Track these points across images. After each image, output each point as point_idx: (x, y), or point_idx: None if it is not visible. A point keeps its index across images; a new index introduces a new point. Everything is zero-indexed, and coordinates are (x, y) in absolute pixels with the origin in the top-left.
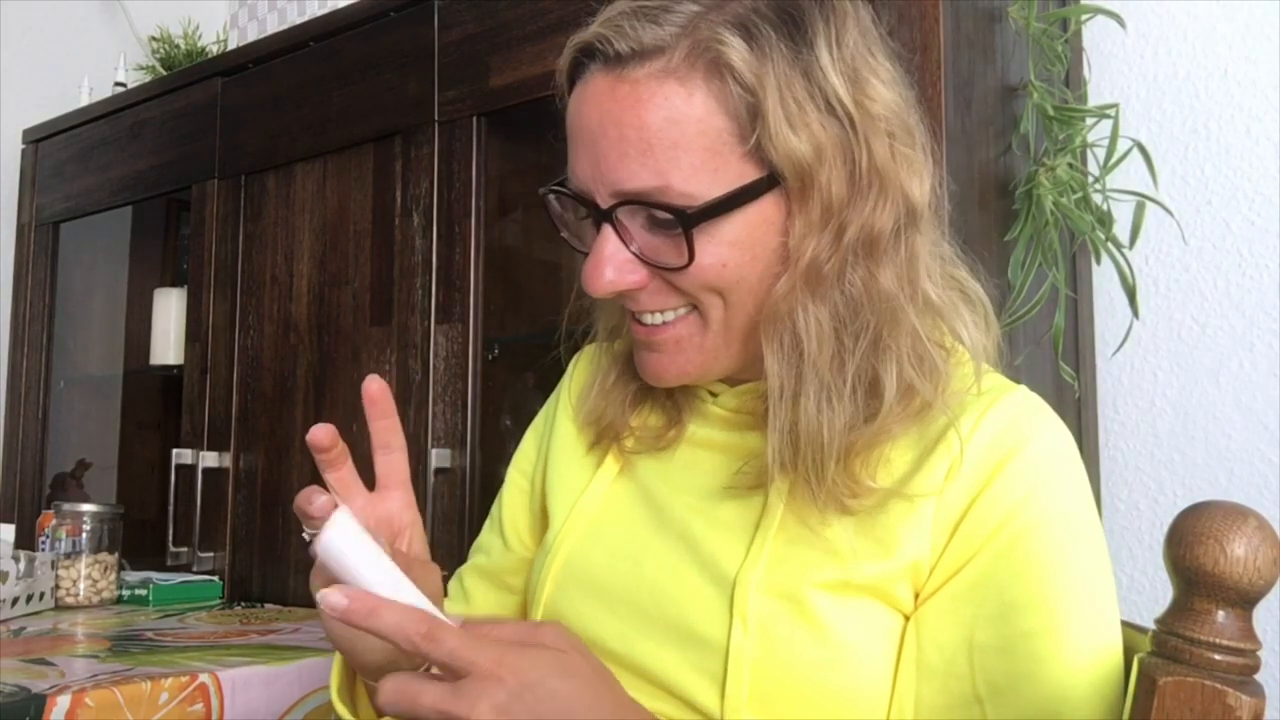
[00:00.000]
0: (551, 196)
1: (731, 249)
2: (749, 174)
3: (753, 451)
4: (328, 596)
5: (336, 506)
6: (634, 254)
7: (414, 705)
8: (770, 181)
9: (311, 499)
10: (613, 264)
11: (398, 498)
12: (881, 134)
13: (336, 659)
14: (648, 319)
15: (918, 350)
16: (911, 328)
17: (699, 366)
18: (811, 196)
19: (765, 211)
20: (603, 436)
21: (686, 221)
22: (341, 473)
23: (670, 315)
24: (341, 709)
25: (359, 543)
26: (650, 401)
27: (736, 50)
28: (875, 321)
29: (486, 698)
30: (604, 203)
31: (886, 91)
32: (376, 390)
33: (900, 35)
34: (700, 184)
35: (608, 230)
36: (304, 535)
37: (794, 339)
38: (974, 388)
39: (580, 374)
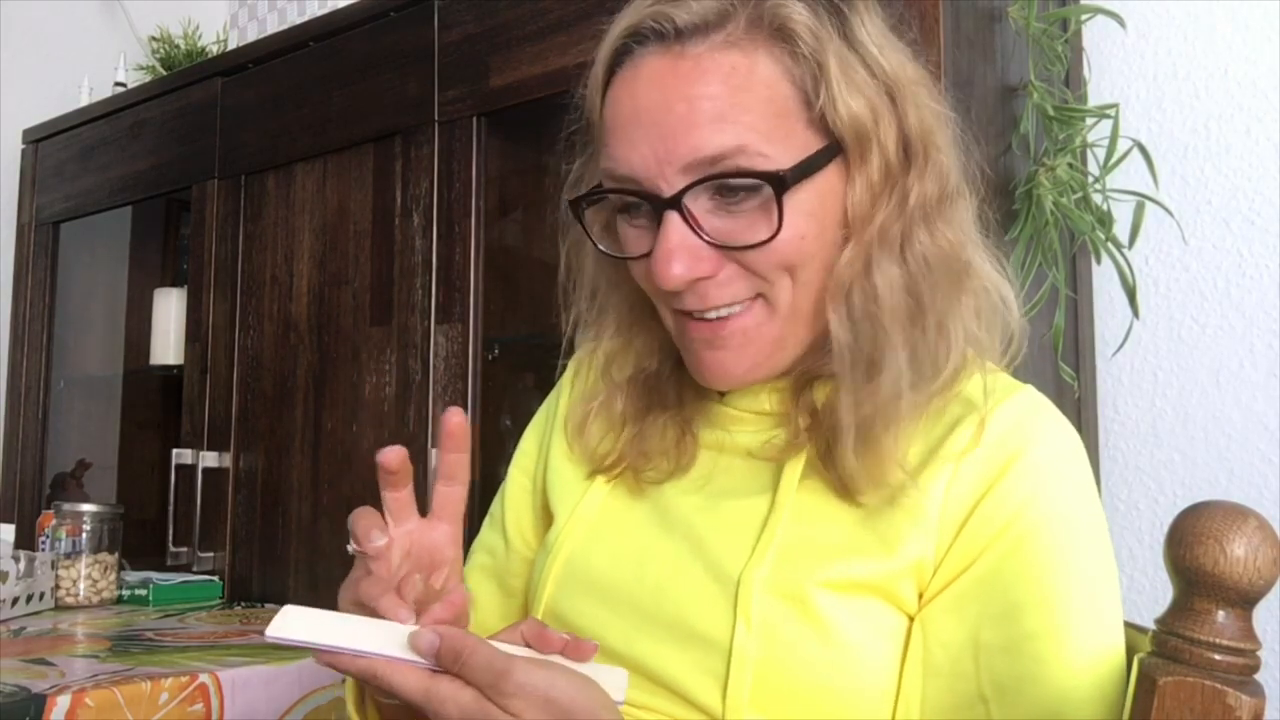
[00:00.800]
0: (584, 204)
1: (808, 221)
2: (814, 143)
3: (758, 451)
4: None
5: (388, 544)
6: (705, 240)
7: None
8: (834, 150)
9: (370, 535)
10: (684, 252)
11: (446, 531)
12: (922, 101)
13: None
14: (711, 313)
15: (985, 304)
16: (978, 284)
17: (769, 359)
18: (871, 162)
19: (831, 180)
20: (612, 469)
21: (780, 185)
22: (400, 494)
23: (736, 307)
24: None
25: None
26: (664, 423)
27: (799, 15)
28: (944, 280)
29: None
30: (670, 186)
31: (914, 67)
32: (457, 425)
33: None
34: (774, 148)
35: (674, 219)
36: (347, 548)
37: (867, 298)
38: (975, 360)
39: (574, 396)
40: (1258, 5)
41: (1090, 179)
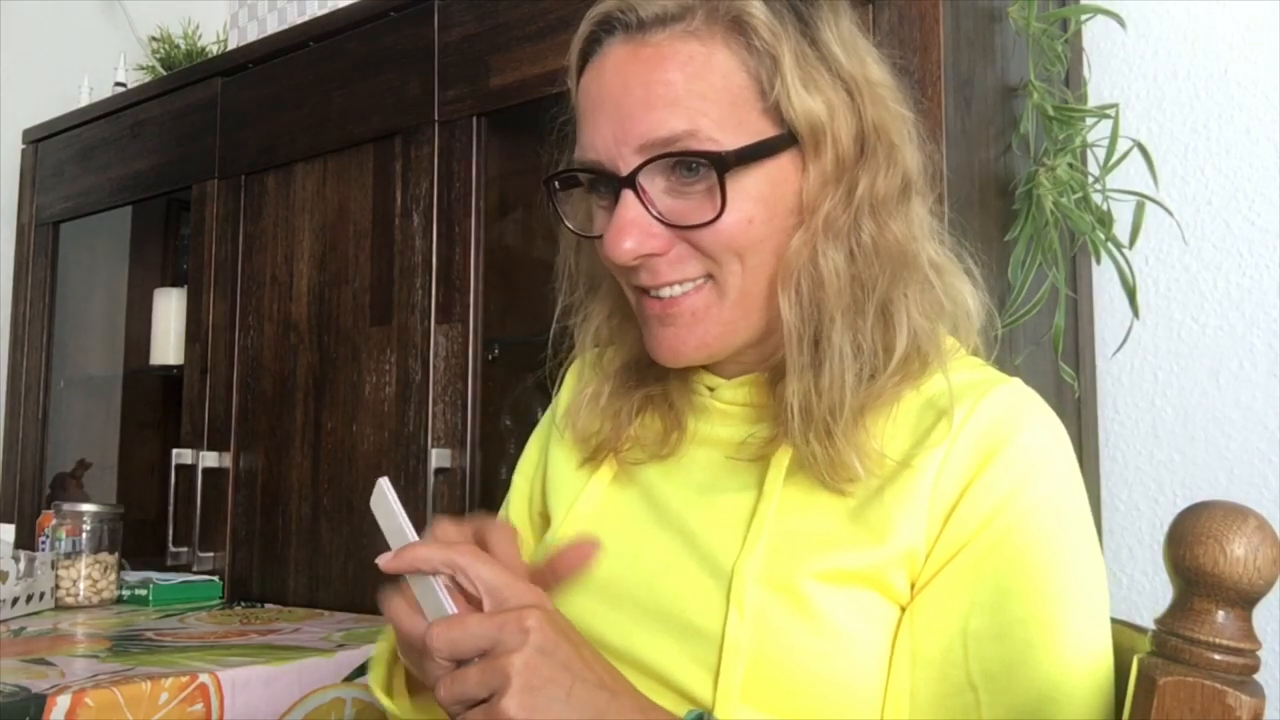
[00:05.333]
0: (556, 184)
1: (756, 205)
2: (767, 130)
3: (739, 452)
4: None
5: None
6: (656, 217)
7: (463, 630)
8: (788, 139)
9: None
10: (636, 228)
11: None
12: (882, 101)
13: (383, 655)
14: (664, 292)
15: (928, 298)
16: (922, 277)
17: (718, 338)
18: (824, 154)
19: (784, 168)
20: (598, 453)
21: (722, 165)
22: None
23: (688, 286)
24: (387, 701)
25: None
26: (649, 410)
27: (756, 9)
28: (888, 270)
29: (534, 613)
30: (626, 165)
31: (878, 69)
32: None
33: (900, 35)
34: (726, 134)
35: (629, 196)
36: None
37: (813, 283)
38: (960, 351)
39: (566, 392)
40: (1258, 5)
41: (1090, 179)
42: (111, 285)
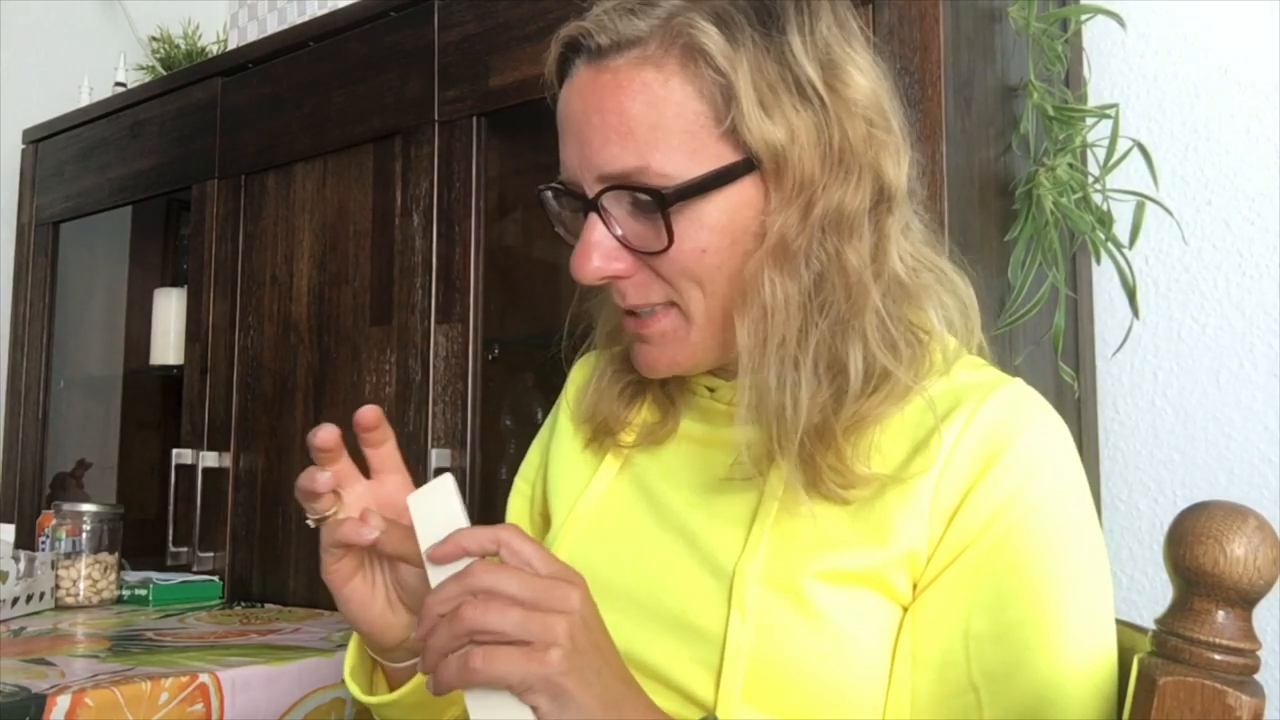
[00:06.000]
0: (548, 194)
1: (712, 234)
2: (726, 156)
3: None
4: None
5: (336, 488)
6: (618, 239)
7: (509, 575)
8: (747, 165)
9: (315, 476)
10: (599, 251)
11: (396, 480)
12: (856, 117)
13: (353, 643)
14: (639, 311)
15: (884, 328)
16: (877, 306)
17: (688, 358)
18: (786, 177)
19: (745, 194)
20: (599, 433)
21: (663, 201)
22: (339, 466)
23: (657, 308)
24: (354, 687)
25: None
26: (647, 396)
27: (710, 36)
28: (840, 298)
29: (577, 589)
30: (590, 190)
31: (862, 79)
32: (373, 418)
33: (900, 35)
34: (678, 165)
35: (593, 218)
36: (307, 521)
37: (761, 311)
38: (947, 370)
39: (578, 376)
40: (1258, 5)
41: (1090, 179)
42: (111, 285)
